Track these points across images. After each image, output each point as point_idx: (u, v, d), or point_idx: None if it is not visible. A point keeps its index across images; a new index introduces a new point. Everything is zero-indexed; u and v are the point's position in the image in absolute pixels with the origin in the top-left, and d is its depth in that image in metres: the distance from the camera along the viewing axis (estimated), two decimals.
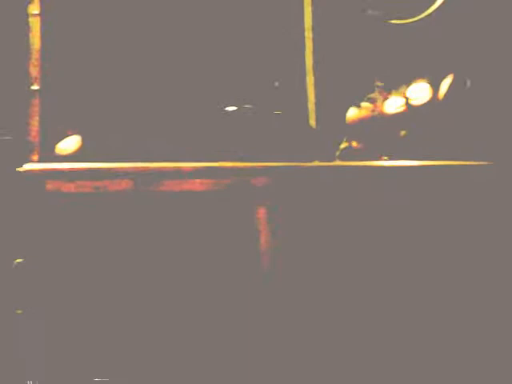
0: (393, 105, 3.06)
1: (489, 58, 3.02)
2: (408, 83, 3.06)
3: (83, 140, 2.99)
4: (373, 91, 3.10)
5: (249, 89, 3.18)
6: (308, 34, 3.14)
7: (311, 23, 3.14)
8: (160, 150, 2.97)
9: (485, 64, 3.02)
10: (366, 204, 2.78)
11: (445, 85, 3.02)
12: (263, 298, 2.78)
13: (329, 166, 2.89)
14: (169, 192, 2.77)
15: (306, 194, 2.79)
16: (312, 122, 3.16)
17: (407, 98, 3.04)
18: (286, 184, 2.79)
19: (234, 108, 3.10)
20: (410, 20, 3.06)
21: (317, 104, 3.15)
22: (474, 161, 2.82)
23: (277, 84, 3.19)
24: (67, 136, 2.98)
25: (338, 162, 3.01)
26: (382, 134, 3.06)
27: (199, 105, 3.14)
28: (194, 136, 3.06)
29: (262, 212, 2.78)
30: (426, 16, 3.05)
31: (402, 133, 3.04)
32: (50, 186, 2.77)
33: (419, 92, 3.03)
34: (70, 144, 2.97)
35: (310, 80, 3.16)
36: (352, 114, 3.10)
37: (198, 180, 2.78)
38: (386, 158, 3.00)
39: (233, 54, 3.19)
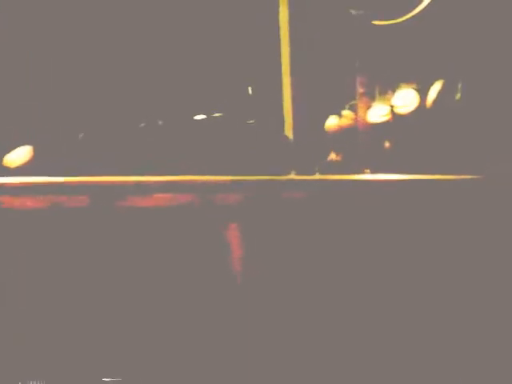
0: (376, 113, 2.98)
1: (482, 63, 2.95)
2: (393, 90, 3.00)
3: (35, 151, 2.93)
4: (355, 98, 3.05)
5: (219, 95, 3.17)
6: (284, 35, 3.10)
7: (287, 22, 3.11)
8: (122, 162, 2.94)
9: (478, 69, 2.95)
10: (347, 220, 2.72)
11: (433, 91, 2.94)
12: (237, 317, 2.74)
13: (306, 180, 2.83)
14: (131, 208, 2.69)
15: (281, 209, 2.73)
16: (288, 131, 3.15)
17: (392, 106, 2.97)
18: (260, 199, 2.73)
19: (203, 116, 3.05)
20: (396, 21, 2.97)
21: (293, 112, 3.14)
22: (465, 174, 2.74)
23: (250, 90, 3.17)
24: (17, 146, 2.92)
25: (315, 176, 2.97)
26: (364, 145, 3.01)
27: (165, 113, 3.12)
28: (159, 147, 3.01)
29: (233, 229, 2.72)
30: (413, 16, 2.96)
31: (387, 144, 2.97)
32: None
33: (405, 99, 2.95)
34: (20, 155, 2.91)
35: (286, 86, 3.14)
36: (332, 123, 3.04)
37: (163, 195, 2.71)
38: (368, 171, 2.95)
39: (202, 57, 3.19)
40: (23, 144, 2.93)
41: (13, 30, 3.01)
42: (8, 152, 2.92)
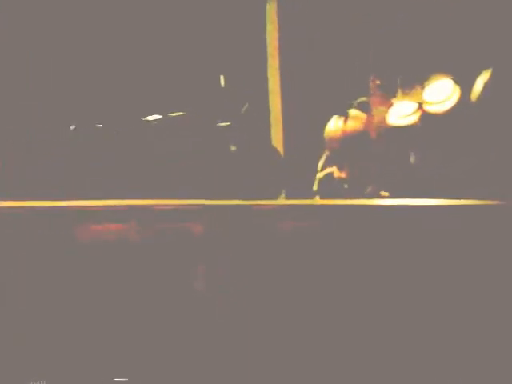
0: (398, 112, 2.69)
1: None
2: (422, 80, 2.70)
3: None
4: (366, 93, 2.79)
5: (184, 92, 3.03)
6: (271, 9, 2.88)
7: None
8: (59, 183, 2.77)
9: None
10: (356, 258, 2.38)
11: (480, 83, 2.60)
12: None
13: (300, 205, 2.58)
14: (70, 241, 2.40)
15: (267, 244, 2.40)
16: (276, 140, 3.03)
17: (420, 103, 2.67)
18: (239, 230, 2.45)
19: (159, 117, 2.78)
20: None
21: (283, 113, 3.02)
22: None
23: (223, 82, 2.95)
24: None
25: (313, 200, 2.75)
26: (380, 158, 2.74)
27: (114, 115, 2.97)
28: (100, 159, 2.79)
29: (203, 270, 2.43)
30: None
31: (412, 156, 2.68)
32: None
33: (441, 93, 2.65)
34: None
35: (272, 77, 2.97)
36: (334, 127, 2.77)
37: (111, 225, 2.44)
38: (386, 193, 2.68)
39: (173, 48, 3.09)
40: None
41: None
42: None
